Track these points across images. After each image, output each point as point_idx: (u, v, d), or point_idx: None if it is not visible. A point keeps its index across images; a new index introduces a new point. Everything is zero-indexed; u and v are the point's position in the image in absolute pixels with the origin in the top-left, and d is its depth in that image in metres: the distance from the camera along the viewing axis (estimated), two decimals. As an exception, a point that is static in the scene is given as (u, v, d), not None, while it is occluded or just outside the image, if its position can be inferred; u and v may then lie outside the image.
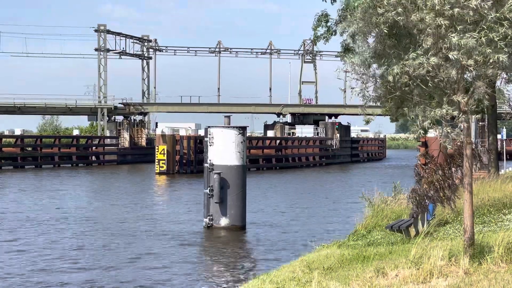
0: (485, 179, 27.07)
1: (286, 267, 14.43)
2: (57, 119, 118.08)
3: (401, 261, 12.12)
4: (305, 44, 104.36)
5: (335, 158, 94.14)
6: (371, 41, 11.51)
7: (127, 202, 39.45)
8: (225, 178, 27.34)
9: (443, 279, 10.93)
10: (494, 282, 10.21)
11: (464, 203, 11.59)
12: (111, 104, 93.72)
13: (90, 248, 23.37)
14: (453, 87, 10.91)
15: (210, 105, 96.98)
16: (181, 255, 22.20)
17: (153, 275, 19.08)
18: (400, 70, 10.69)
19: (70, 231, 27.28)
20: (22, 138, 79.43)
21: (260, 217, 31.60)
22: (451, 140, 11.00)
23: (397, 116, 11.97)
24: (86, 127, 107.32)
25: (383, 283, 11.10)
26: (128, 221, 30.57)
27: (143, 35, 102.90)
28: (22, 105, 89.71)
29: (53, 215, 32.22)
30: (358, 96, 11.56)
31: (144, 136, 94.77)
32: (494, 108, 33.35)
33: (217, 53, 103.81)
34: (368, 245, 16.73)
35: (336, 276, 12.22)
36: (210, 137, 27.66)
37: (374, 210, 21.99)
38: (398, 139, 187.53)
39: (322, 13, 25.81)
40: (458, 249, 11.94)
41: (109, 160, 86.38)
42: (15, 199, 39.90)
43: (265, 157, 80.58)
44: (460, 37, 10.18)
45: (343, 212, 33.80)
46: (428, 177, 12.50)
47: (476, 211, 17.99)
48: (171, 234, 26.62)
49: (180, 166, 69.04)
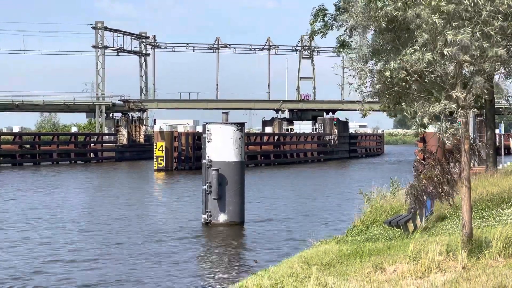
0: (483, 174, 27.09)
1: (285, 263, 14.43)
2: (55, 116, 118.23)
3: (399, 256, 12.13)
4: (302, 40, 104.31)
5: (333, 154, 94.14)
6: (369, 35, 11.51)
7: (125, 199, 39.43)
8: (223, 175, 27.32)
9: (441, 274, 10.93)
10: (493, 277, 10.22)
11: (462, 198, 11.60)
12: (109, 101, 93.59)
13: (87, 246, 23.35)
14: (451, 82, 10.90)
15: (209, 102, 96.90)
16: (179, 251, 22.19)
17: (151, 272, 19.07)
18: (398, 65, 10.68)
19: (67, 230, 27.26)
20: (20, 135, 79.35)
21: (259, 213, 31.60)
22: (450, 135, 10.99)
23: (395, 112, 11.97)
24: (84, 124, 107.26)
25: (381, 278, 11.11)
26: (126, 218, 30.55)
27: (141, 32, 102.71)
28: (20, 102, 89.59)
29: (51, 213, 32.19)
30: (356, 92, 11.56)
31: (142, 133, 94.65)
32: (492, 103, 33.32)
33: (216, 50, 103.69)
34: (366, 240, 16.73)
35: (335, 272, 12.22)
36: (208, 133, 27.64)
37: (372, 205, 22.00)
38: (396, 134, 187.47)
39: (320, 8, 25.81)
40: (456, 244, 11.94)
41: (107, 157, 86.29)
42: (13, 197, 39.86)
43: (263, 153, 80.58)
44: (455, 33, 10.17)
45: (342, 208, 33.80)
46: (426, 172, 12.48)
47: (474, 206, 17.98)
48: (169, 230, 26.60)
49: (178, 163, 69.01)
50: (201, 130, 29.55)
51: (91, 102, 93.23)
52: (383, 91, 11.38)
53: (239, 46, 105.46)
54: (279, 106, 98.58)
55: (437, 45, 10.39)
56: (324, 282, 11.18)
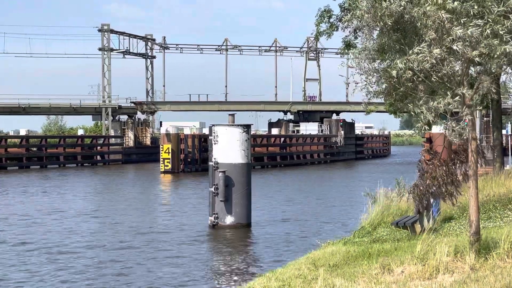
0: (490, 175, 27.00)
1: (292, 265, 14.40)
2: (62, 119, 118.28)
3: (407, 257, 12.08)
4: (308, 41, 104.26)
5: (339, 155, 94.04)
6: (375, 35, 11.48)
7: (131, 201, 39.46)
8: (230, 176, 27.31)
9: (449, 275, 10.89)
10: (500, 278, 10.17)
11: (470, 199, 11.55)
12: (115, 103, 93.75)
13: (95, 248, 23.37)
14: (457, 80, 10.85)
15: (220, 104, 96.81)
16: (187, 253, 22.18)
17: (158, 273, 19.06)
18: (404, 65, 10.64)
19: (75, 232, 27.29)
20: (27, 138, 79.56)
21: (265, 215, 31.57)
22: (457, 135, 10.95)
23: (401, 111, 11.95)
24: (91, 126, 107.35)
25: (389, 280, 11.07)
26: (132, 220, 30.56)
27: (147, 34, 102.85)
28: (27, 105, 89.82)
29: (59, 215, 32.24)
30: (361, 91, 11.53)
31: (149, 135, 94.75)
32: (499, 103, 33.21)
33: (224, 51, 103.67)
34: (373, 241, 16.69)
35: (342, 273, 12.18)
36: (215, 135, 27.64)
37: (379, 206, 21.94)
38: (402, 135, 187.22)
39: (325, 9, 25.77)
40: (463, 245, 11.89)
41: (114, 160, 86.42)
42: (19, 200, 39.93)
43: (270, 154, 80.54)
44: (465, 28, 10.13)
45: (349, 209, 33.75)
46: (431, 172, 12.44)
47: (481, 207, 17.92)
48: (176, 232, 26.60)
49: (185, 165, 69.04)
50: (208, 132, 29.53)
51: (98, 105, 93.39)
52: (389, 91, 11.35)
53: (247, 47, 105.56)
54: (288, 107, 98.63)
55: (445, 42, 10.34)
56: (332, 283, 11.15)
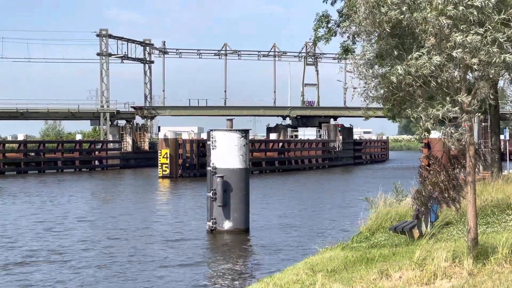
0: (488, 180, 27.02)
1: (290, 270, 14.39)
2: (60, 124, 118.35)
3: (405, 262, 12.08)
4: (307, 46, 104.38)
5: (338, 160, 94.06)
6: (374, 41, 11.48)
7: (130, 206, 39.43)
8: (228, 182, 27.30)
9: (447, 280, 10.88)
10: (498, 283, 10.17)
11: (468, 204, 11.56)
12: (113, 108, 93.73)
13: (92, 253, 23.34)
14: (455, 86, 10.87)
15: (220, 109, 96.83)
16: (184, 258, 22.15)
17: (156, 279, 19.04)
18: (404, 71, 10.65)
19: (72, 237, 27.27)
20: (25, 143, 79.49)
21: (263, 220, 31.55)
22: (455, 140, 10.96)
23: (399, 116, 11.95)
24: (89, 131, 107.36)
25: (387, 285, 11.06)
26: (130, 224, 30.53)
27: (145, 39, 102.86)
28: (25, 110, 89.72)
29: (56, 220, 32.21)
30: (360, 97, 11.53)
31: (147, 140, 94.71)
32: (497, 108, 33.26)
33: (223, 56, 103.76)
34: (371, 247, 16.68)
35: (340, 278, 12.17)
36: (213, 140, 27.64)
37: (377, 212, 21.94)
38: (401, 140, 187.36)
39: (323, 14, 25.81)
40: (462, 250, 11.89)
41: (112, 165, 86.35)
42: (19, 206, 39.90)
43: (268, 160, 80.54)
44: (465, 35, 10.14)
45: (347, 214, 33.73)
46: (432, 178, 12.44)
47: (479, 212, 17.92)
48: (174, 237, 26.58)
49: (183, 170, 69.03)
50: (206, 137, 29.54)
51: (96, 110, 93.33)
52: (388, 96, 11.35)
53: (246, 52, 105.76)
54: (288, 112, 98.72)
55: (444, 48, 10.35)
56: (330, 288, 11.13)
